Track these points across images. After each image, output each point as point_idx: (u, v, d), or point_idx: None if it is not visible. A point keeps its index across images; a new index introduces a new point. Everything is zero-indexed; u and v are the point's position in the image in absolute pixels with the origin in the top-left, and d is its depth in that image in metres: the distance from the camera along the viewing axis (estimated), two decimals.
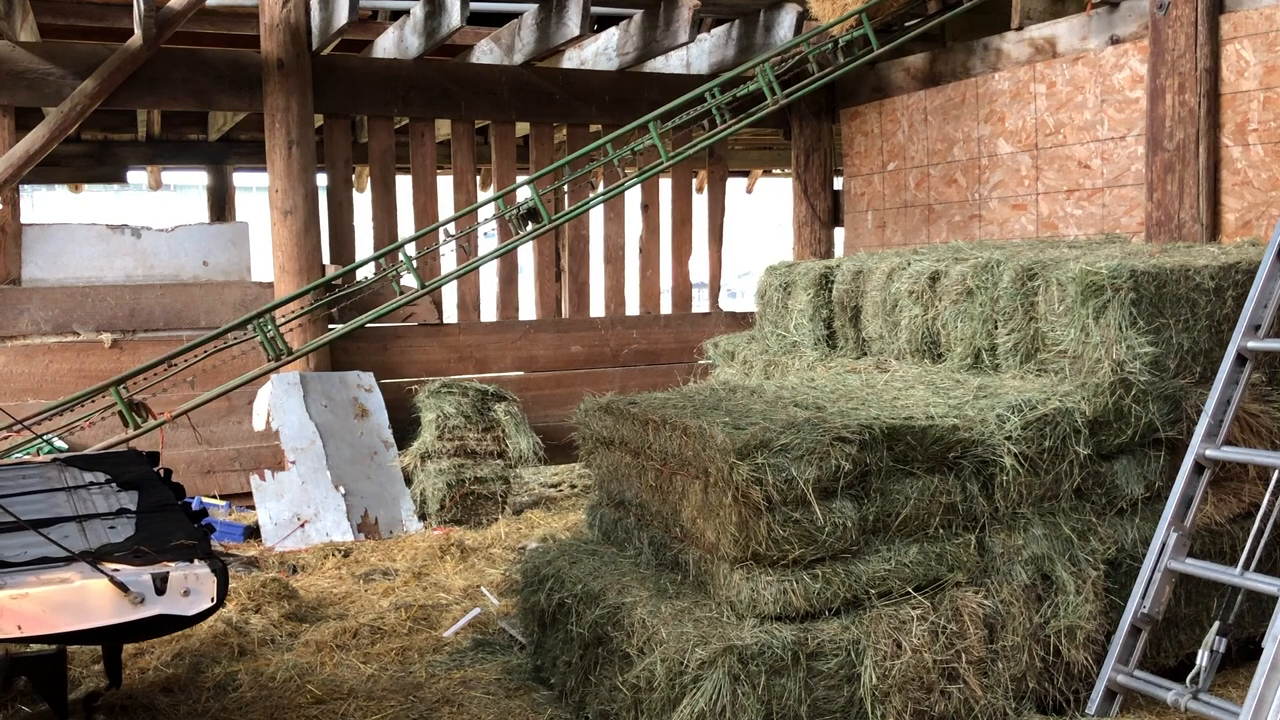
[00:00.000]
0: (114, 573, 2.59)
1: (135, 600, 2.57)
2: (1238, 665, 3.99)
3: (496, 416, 6.91)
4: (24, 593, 2.44)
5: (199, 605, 2.67)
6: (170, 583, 2.61)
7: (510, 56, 8.08)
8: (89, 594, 2.51)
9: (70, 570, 2.61)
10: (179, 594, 2.63)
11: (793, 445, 3.28)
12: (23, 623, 2.43)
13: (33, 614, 2.45)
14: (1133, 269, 3.92)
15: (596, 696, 3.66)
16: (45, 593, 2.47)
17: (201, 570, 2.68)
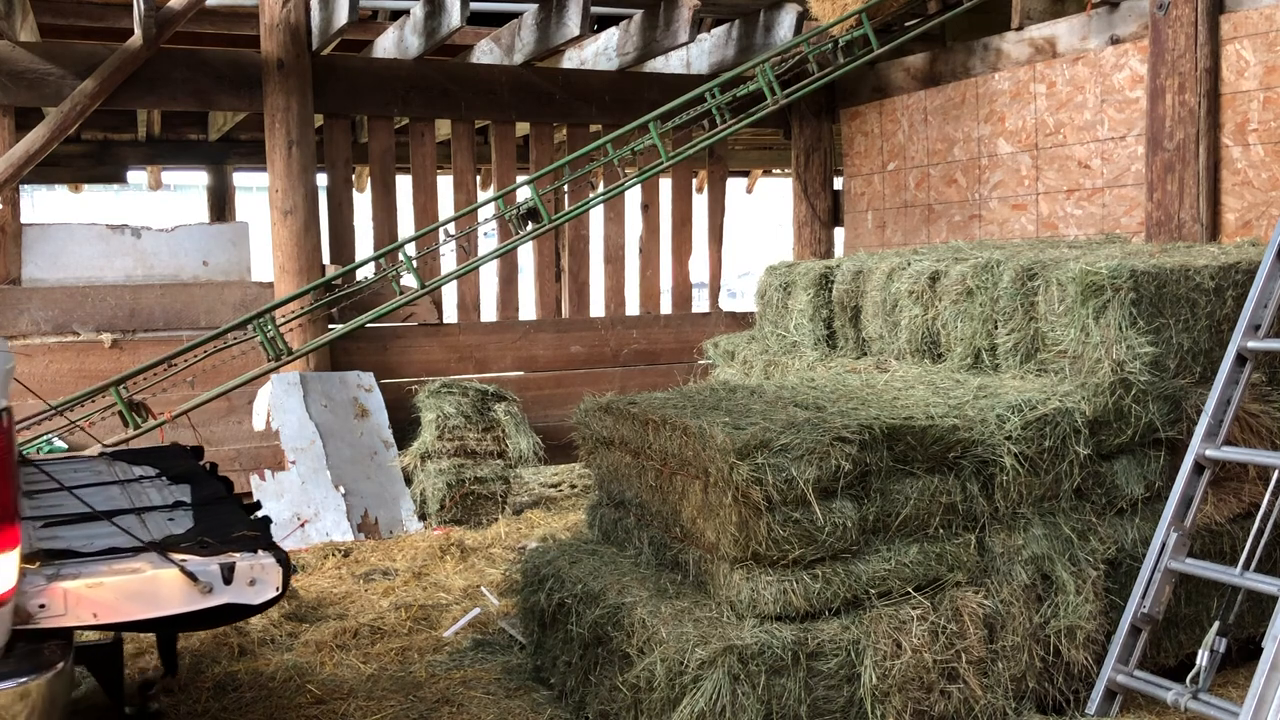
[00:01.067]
0: (182, 563, 2.66)
1: (204, 590, 2.64)
2: (1238, 665, 3.99)
3: (496, 416, 6.92)
4: (99, 582, 2.52)
5: (265, 595, 2.74)
6: (237, 572, 2.69)
7: (510, 56, 8.08)
8: (160, 583, 2.59)
9: (140, 560, 2.68)
10: (245, 583, 2.70)
11: (793, 445, 3.28)
12: (98, 610, 2.50)
13: (108, 602, 2.52)
14: (1133, 269, 3.92)
15: (596, 696, 3.66)
16: (119, 582, 2.54)
17: (267, 560, 2.76)
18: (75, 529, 3.03)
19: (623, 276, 8.66)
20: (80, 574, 2.55)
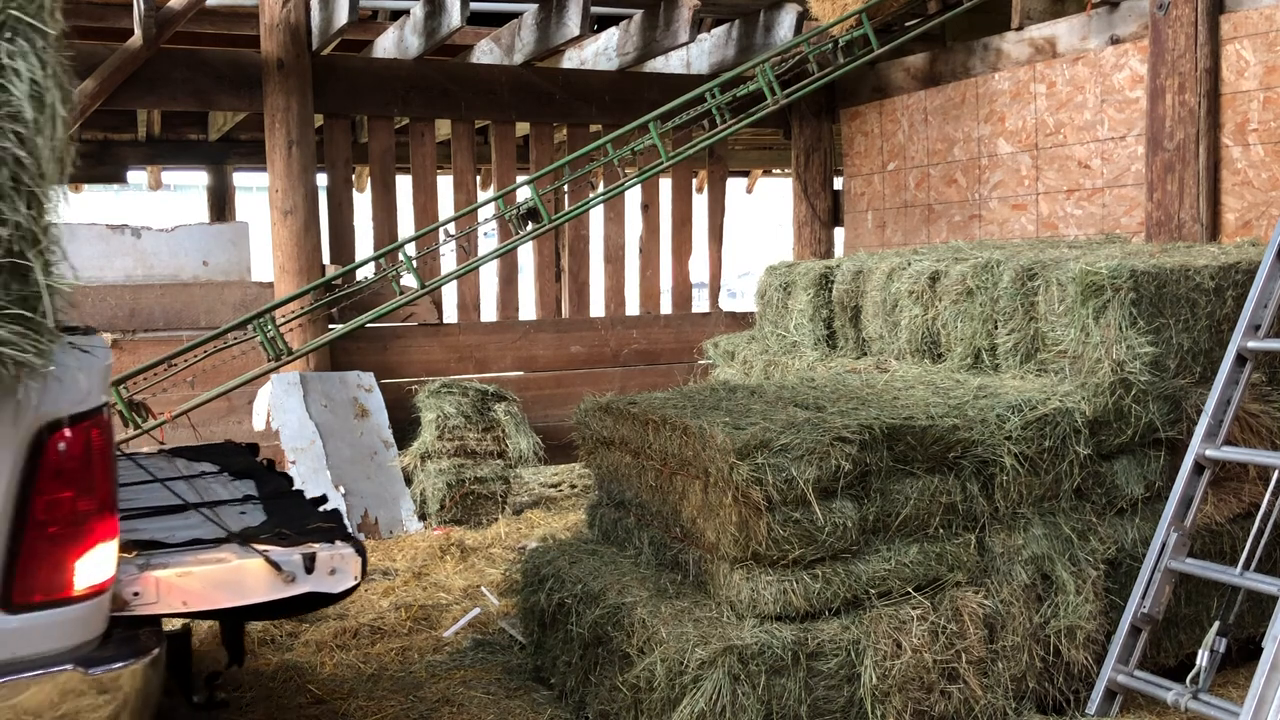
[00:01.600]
0: (266, 553, 2.75)
1: (287, 579, 2.73)
2: (1238, 665, 3.99)
3: (496, 416, 6.91)
4: (189, 571, 2.60)
5: (344, 583, 2.82)
6: (318, 562, 2.77)
7: (510, 56, 8.08)
8: (245, 572, 2.68)
9: (223, 551, 2.75)
10: (326, 573, 2.79)
11: (793, 445, 3.28)
12: (188, 599, 2.58)
13: (196, 591, 2.60)
14: (1133, 269, 3.92)
15: (596, 696, 3.66)
16: (207, 571, 2.63)
17: (346, 550, 2.85)
18: (154, 521, 3.12)
19: (623, 276, 8.66)
20: (169, 563, 2.63)
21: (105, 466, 2.32)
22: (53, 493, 2.21)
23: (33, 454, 2.18)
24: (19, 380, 2.09)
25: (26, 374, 2.09)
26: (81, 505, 2.26)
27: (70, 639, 2.30)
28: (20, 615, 2.20)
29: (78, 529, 2.26)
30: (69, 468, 2.23)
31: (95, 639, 2.36)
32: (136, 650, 2.39)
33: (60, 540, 2.23)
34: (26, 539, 2.19)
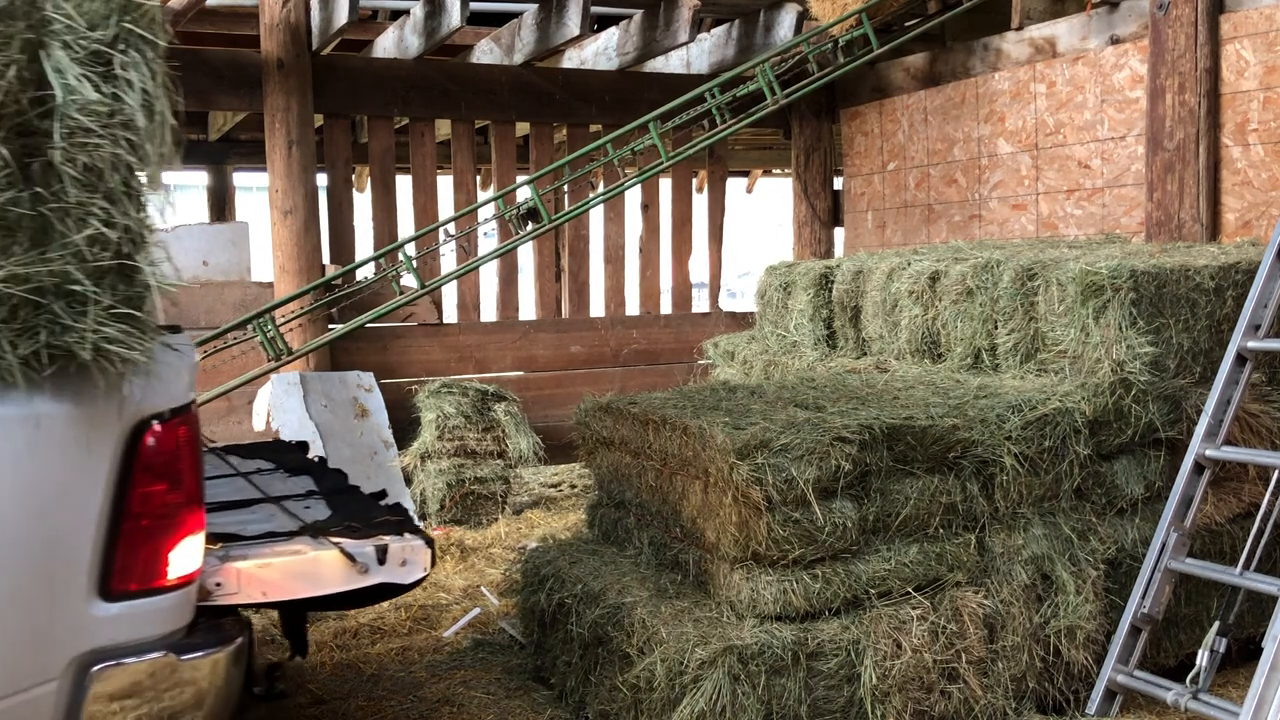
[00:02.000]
0: (340, 545, 2.83)
1: (361, 570, 2.81)
2: (1238, 665, 3.99)
3: (496, 416, 6.91)
4: (268, 562, 2.70)
5: (415, 575, 2.91)
6: (390, 554, 2.86)
7: (510, 56, 8.08)
8: (321, 564, 2.76)
9: (298, 543, 2.84)
10: (397, 564, 2.87)
11: (793, 445, 3.28)
12: (267, 589, 2.68)
13: (275, 582, 2.69)
14: (1133, 269, 3.92)
15: (596, 696, 3.66)
16: (285, 562, 2.72)
17: (416, 543, 2.93)
18: (224, 515, 3.18)
19: (623, 276, 8.66)
20: (248, 555, 2.71)
21: (194, 461, 2.41)
22: (147, 485, 2.29)
23: (130, 448, 2.26)
24: (124, 377, 2.19)
25: (130, 371, 2.19)
26: (173, 498, 2.35)
27: (163, 627, 2.37)
28: (118, 603, 2.28)
29: (170, 521, 2.34)
30: (162, 462, 2.31)
31: (184, 627, 2.44)
32: (222, 639, 2.48)
33: (154, 532, 2.32)
34: (124, 530, 2.27)
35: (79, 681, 2.25)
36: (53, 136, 2.06)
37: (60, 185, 2.08)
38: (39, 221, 2.08)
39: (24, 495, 2.15)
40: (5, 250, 2.05)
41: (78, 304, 2.10)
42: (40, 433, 2.15)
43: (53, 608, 2.21)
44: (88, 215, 2.09)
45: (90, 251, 2.10)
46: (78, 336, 2.10)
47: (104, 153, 2.10)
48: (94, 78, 2.08)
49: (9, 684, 2.15)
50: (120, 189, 2.13)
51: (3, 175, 2.04)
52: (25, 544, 2.16)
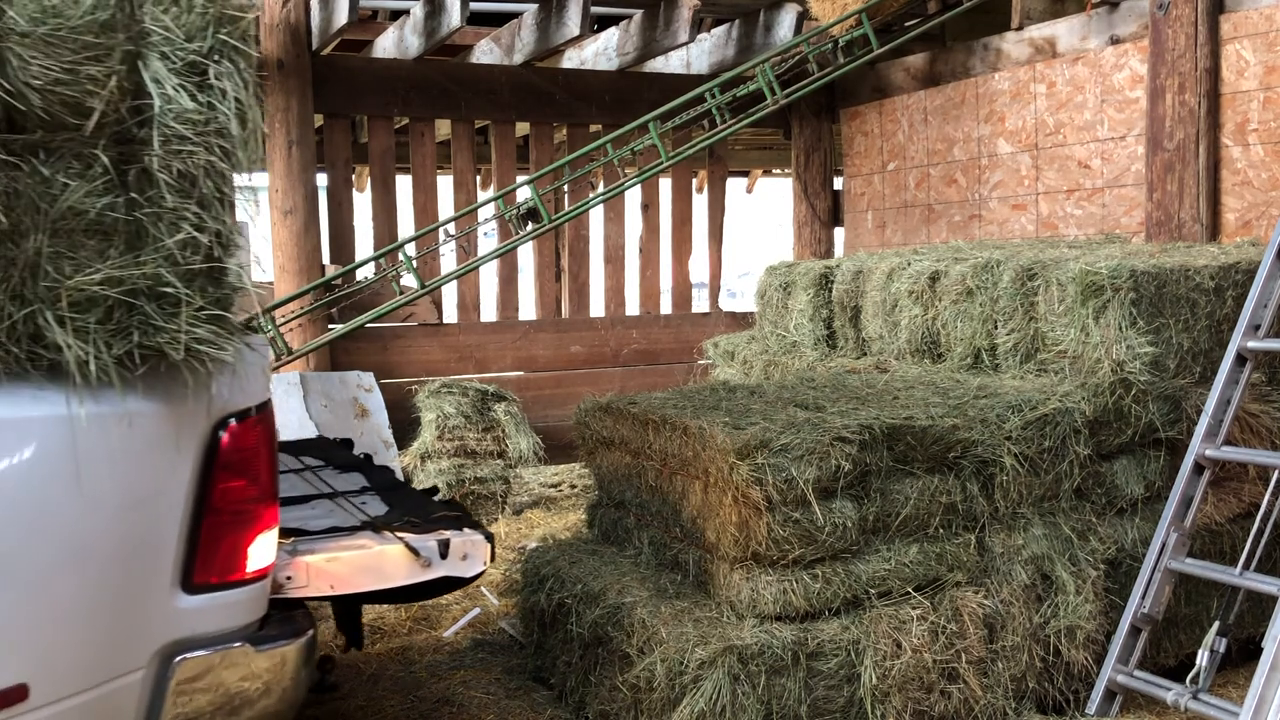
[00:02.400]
0: (404, 539, 2.89)
1: (424, 564, 2.87)
2: (1238, 665, 3.99)
3: (496, 416, 6.91)
4: (335, 556, 2.76)
5: (475, 568, 2.98)
6: (452, 547, 2.93)
7: (510, 56, 8.08)
8: (386, 558, 2.83)
9: (361, 538, 2.90)
10: (459, 558, 2.94)
11: (793, 445, 3.28)
12: (334, 583, 2.74)
13: (342, 575, 2.76)
14: (1133, 269, 3.92)
15: (596, 696, 3.66)
16: (352, 556, 2.78)
17: (476, 537, 3.00)
18: (288, 510, 3.23)
19: (623, 276, 8.66)
20: (315, 549, 2.77)
21: (270, 458, 2.47)
22: (227, 482, 2.36)
23: (212, 445, 2.34)
24: (212, 376, 2.28)
25: (217, 370, 2.28)
26: (250, 494, 2.41)
27: (240, 619, 2.44)
28: (199, 596, 2.35)
29: (247, 517, 2.41)
30: (240, 459, 2.38)
31: (259, 619, 2.51)
32: (295, 630, 2.55)
33: (233, 527, 2.38)
34: (205, 525, 2.34)
35: (163, 671, 2.31)
36: (149, 144, 2.14)
37: (155, 191, 2.16)
38: (134, 226, 2.15)
39: (118, 491, 2.21)
40: (101, 254, 2.13)
41: (169, 305, 2.17)
42: (133, 430, 2.21)
43: (141, 600, 2.27)
44: (181, 220, 2.18)
45: (182, 255, 2.17)
46: (169, 337, 2.16)
47: (198, 159, 2.19)
48: (190, 87, 2.18)
49: (101, 673, 2.21)
50: (212, 194, 2.22)
51: (101, 181, 2.12)
52: (118, 538, 2.22)
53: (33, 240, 2.06)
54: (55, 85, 2.03)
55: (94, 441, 2.16)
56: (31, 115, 2.04)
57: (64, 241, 2.10)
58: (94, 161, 2.12)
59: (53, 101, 2.05)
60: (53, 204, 2.09)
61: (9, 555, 2.08)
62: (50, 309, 2.09)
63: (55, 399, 2.12)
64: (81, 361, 2.10)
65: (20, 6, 2.01)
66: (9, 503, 2.09)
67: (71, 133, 2.10)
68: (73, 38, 2.04)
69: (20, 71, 2.00)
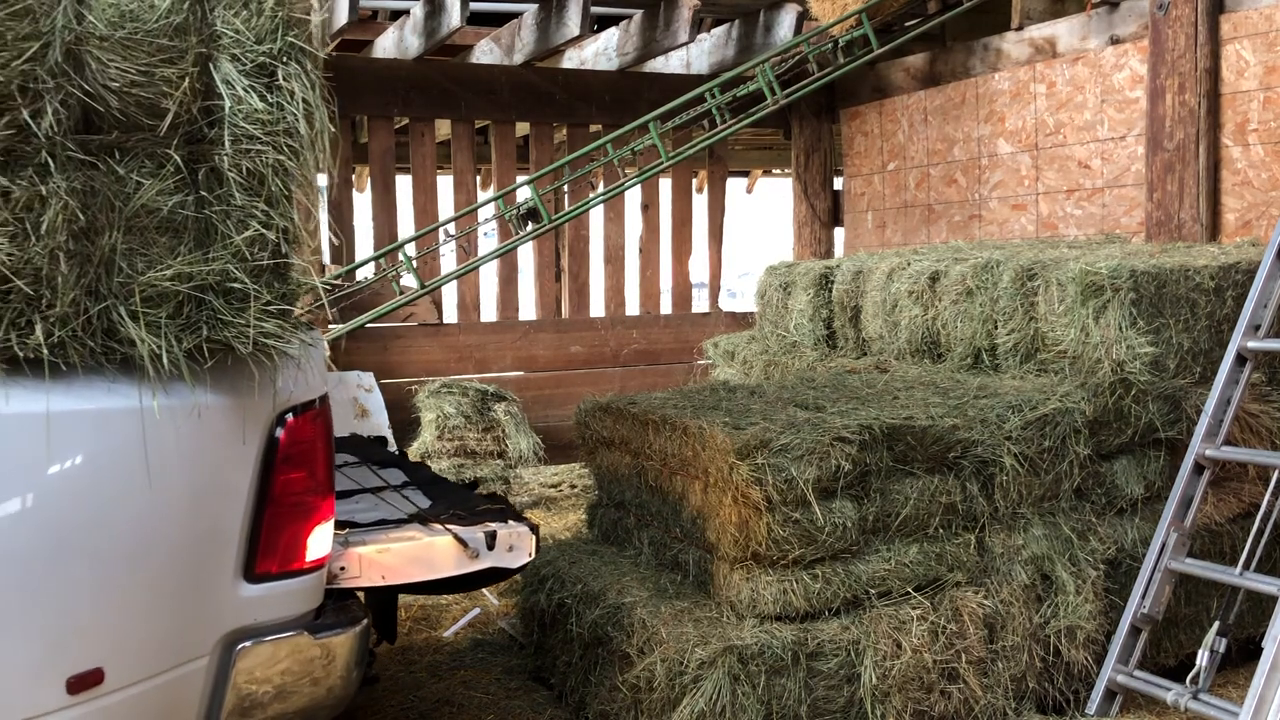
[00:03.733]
0: (452, 530, 2.95)
1: (472, 555, 2.94)
2: (1237, 665, 3.99)
3: (496, 416, 6.91)
4: (387, 548, 2.82)
5: (520, 559, 3.04)
6: (499, 539, 2.99)
7: (510, 56, 8.08)
8: (435, 549, 2.90)
9: (410, 530, 2.96)
10: (505, 549, 3.00)
11: (793, 445, 3.28)
12: (386, 573, 2.80)
13: (394, 566, 2.82)
14: (1133, 269, 3.92)
15: (596, 696, 3.66)
16: (403, 548, 2.85)
17: (522, 529, 3.06)
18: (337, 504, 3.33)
19: (623, 276, 8.66)
20: (367, 541, 2.83)
21: (326, 450, 2.53)
22: (287, 473, 2.41)
23: (273, 437, 2.39)
24: (277, 369, 2.34)
25: (281, 364, 2.35)
26: (309, 485, 2.47)
27: (299, 607, 2.50)
28: (260, 585, 2.40)
29: (306, 507, 2.46)
30: (299, 451, 2.44)
31: (315, 609, 2.56)
32: (351, 619, 2.61)
33: (293, 517, 2.44)
34: (267, 515, 2.39)
35: (225, 658, 2.37)
36: (219, 144, 2.21)
37: (224, 189, 2.22)
38: (203, 223, 2.22)
39: (186, 482, 2.27)
40: (172, 250, 2.19)
41: (237, 301, 2.23)
42: (201, 423, 2.26)
43: (206, 589, 2.32)
44: (249, 217, 2.24)
45: (250, 251, 2.24)
46: (237, 331, 2.22)
47: (267, 158, 2.25)
48: (259, 88, 2.24)
49: (169, 659, 2.27)
50: (280, 193, 2.29)
51: (173, 180, 2.18)
52: (186, 528, 2.29)
53: (107, 237, 2.13)
54: (131, 87, 2.11)
55: (164, 433, 2.21)
56: (108, 116, 2.11)
57: (137, 238, 2.16)
58: (166, 161, 2.18)
59: (129, 103, 2.12)
60: (127, 202, 2.15)
61: (85, 544, 2.13)
62: (123, 304, 2.15)
63: (128, 392, 2.17)
64: (154, 355, 2.14)
65: (100, 11, 2.06)
66: (86, 494, 2.14)
67: (145, 133, 2.16)
68: (149, 41, 2.11)
69: (99, 74, 2.07)
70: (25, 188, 2.03)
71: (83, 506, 2.13)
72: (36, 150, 2.04)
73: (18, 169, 2.04)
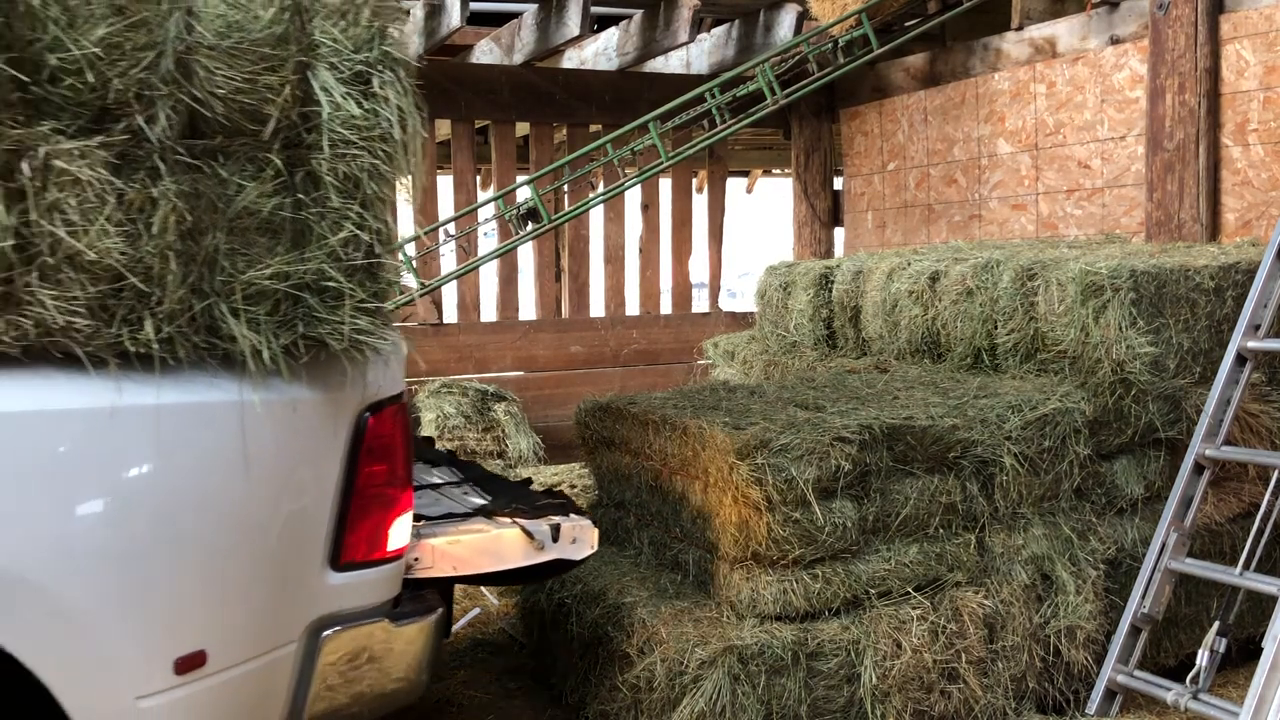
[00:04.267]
0: (520, 523, 3.02)
1: (538, 547, 3.01)
2: (1238, 665, 3.99)
3: (496, 416, 6.91)
4: (458, 539, 2.88)
5: (584, 551, 3.11)
6: (563, 531, 3.06)
7: (510, 56, 8.08)
8: (503, 541, 2.97)
9: (477, 523, 3.03)
10: (569, 541, 3.07)
11: (793, 445, 3.28)
12: (457, 564, 2.87)
13: (464, 557, 2.88)
14: (1133, 269, 3.92)
15: (596, 696, 3.66)
16: (473, 539, 2.92)
17: (584, 522, 3.13)
18: None
19: (623, 276, 8.66)
20: (438, 533, 2.90)
21: (406, 444, 2.60)
22: (371, 465, 2.50)
23: (359, 430, 2.48)
24: (368, 364, 2.44)
25: (371, 359, 2.45)
26: (390, 478, 2.55)
27: (380, 596, 2.58)
28: (345, 573, 2.49)
29: (388, 499, 2.55)
30: (382, 444, 2.52)
31: (394, 597, 2.64)
32: (428, 608, 2.70)
33: (376, 508, 2.53)
34: (353, 507, 2.48)
35: (312, 644, 2.45)
36: (316, 148, 2.30)
37: (321, 192, 2.32)
38: (300, 224, 2.31)
39: (282, 472, 2.36)
40: (271, 250, 2.28)
41: (331, 299, 2.33)
42: (296, 415, 2.35)
43: (297, 576, 2.42)
44: (344, 219, 2.34)
45: (344, 252, 2.34)
46: (331, 328, 2.32)
47: (362, 162, 2.34)
48: (355, 95, 2.33)
49: (263, 644, 2.36)
50: (374, 195, 2.39)
51: (272, 183, 2.27)
52: (281, 517, 2.37)
53: (211, 238, 2.22)
54: (236, 94, 2.20)
55: (262, 426, 2.30)
56: (213, 122, 2.20)
57: (238, 239, 2.26)
58: (266, 164, 2.27)
59: (233, 109, 2.21)
60: (229, 204, 2.24)
61: (190, 532, 2.22)
62: (225, 301, 2.24)
63: (228, 386, 2.26)
64: (255, 351, 2.24)
65: (208, 22, 2.17)
66: (191, 483, 2.23)
67: (247, 138, 2.25)
68: (252, 50, 2.20)
69: (206, 81, 2.17)
70: (138, 190, 2.13)
71: (189, 495, 2.22)
72: (148, 154, 2.14)
73: (131, 172, 2.14)
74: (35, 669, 2.02)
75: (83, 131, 2.09)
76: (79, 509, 2.09)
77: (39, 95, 2.04)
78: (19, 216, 2.02)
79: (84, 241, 2.07)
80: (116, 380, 2.14)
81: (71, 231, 2.06)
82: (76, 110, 2.08)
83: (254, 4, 2.22)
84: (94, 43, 2.04)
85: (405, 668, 2.61)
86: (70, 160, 2.05)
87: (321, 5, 2.31)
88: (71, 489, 2.09)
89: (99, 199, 2.09)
